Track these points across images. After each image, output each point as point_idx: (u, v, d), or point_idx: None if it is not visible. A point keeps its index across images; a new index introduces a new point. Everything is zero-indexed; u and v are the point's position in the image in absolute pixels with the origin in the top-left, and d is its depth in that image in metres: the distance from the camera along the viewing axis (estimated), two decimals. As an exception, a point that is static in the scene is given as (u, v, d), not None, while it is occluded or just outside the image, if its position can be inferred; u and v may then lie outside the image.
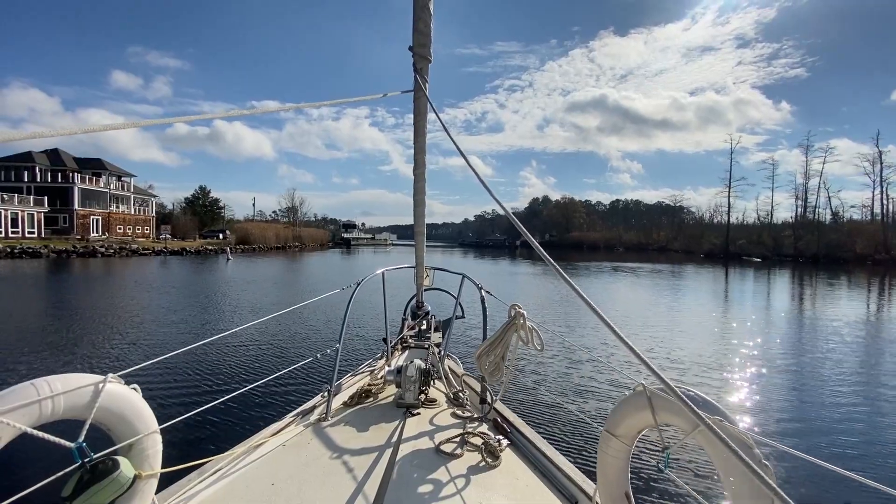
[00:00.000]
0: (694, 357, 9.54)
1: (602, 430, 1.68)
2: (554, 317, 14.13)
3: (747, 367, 9.00)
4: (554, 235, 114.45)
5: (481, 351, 2.36)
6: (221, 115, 1.98)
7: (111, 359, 8.53)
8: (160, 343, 9.75)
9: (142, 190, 66.40)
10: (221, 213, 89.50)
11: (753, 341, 11.34)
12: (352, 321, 4.94)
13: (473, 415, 2.48)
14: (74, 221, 50.95)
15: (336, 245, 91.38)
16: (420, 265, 4.08)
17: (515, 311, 2.23)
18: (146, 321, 12.18)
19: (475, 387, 2.82)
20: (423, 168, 3.10)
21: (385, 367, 3.06)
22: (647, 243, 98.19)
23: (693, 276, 33.67)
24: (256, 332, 9.88)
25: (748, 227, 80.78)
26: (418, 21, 2.20)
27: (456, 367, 3.42)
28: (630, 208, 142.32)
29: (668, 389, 1.12)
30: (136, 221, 61.71)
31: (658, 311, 16.27)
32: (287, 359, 8.39)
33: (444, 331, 4.12)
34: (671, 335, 11.86)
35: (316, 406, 2.51)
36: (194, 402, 6.00)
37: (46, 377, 1.26)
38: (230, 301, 16.67)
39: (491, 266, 42.13)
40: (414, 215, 3.51)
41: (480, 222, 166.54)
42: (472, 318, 7.44)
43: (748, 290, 25.67)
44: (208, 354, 8.29)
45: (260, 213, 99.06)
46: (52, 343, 9.60)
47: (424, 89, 2.41)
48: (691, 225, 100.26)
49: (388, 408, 2.58)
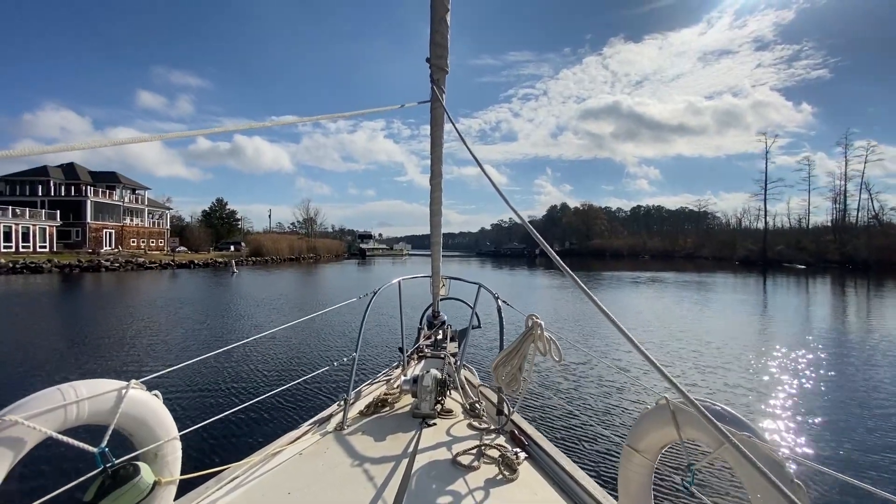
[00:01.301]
0: (727, 371, 9.03)
1: (624, 445, 1.67)
2: (573, 327, 13.58)
3: (786, 382, 8.45)
4: (574, 243, 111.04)
5: (498, 361, 2.30)
6: (244, 126, 1.92)
7: (129, 364, 8.60)
8: (175, 351, 9.81)
9: (156, 202, 66.09)
10: (238, 224, 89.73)
11: (796, 355, 10.49)
12: (368, 330, 5.67)
13: (490, 426, 2.39)
14: (87, 235, 50.46)
15: (352, 256, 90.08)
16: (436, 275, 4.04)
17: (532, 321, 2.17)
18: (155, 332, 11.62)
19: (492, 398, 2.70)
20: (440, 178, 3.12)
21: (401, 377, 3.07)
22: (674, 250, 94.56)
23: (731, 286, 30.51)
24: (274, 340, 9.94)
25: (784, 231, 76.10)
26: (435, 33, 2.21)
27: (472, 377, 3.37)
28: (652, 214, 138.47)
29: (690, 403, 1.11)
30: (150, 234, 61.18)
31: (695, 323, 14.96)
32: (304, 367, 8.40)
33: (461, 341, 4.10)
34: (705, 348, 11.05)
35: (333, 415, 2.50)
36: (213, 410, 5.95)
37: (72, 382, 1.31)
38: (221, 321, 14.55)
39: (507, 276, 39.76)
40: (430, 225, 3.51)
41: (497, 231, 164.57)
42: (489, 329, 7.40)
43: (800, 302, 22.59)
44: (227, 362, 8.32)
45: (279, 225, 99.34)
46: (67, 352, 9.69)
47: (441, 100, 2.43)
48: (722, 231, 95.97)
49: (404, 417, 2.54)
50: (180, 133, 1.55)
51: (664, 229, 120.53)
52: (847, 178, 67.96)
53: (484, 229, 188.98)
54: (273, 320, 14.48)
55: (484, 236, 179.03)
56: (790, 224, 78.15)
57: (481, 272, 49.01)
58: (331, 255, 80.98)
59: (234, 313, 15.92)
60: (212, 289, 25.83)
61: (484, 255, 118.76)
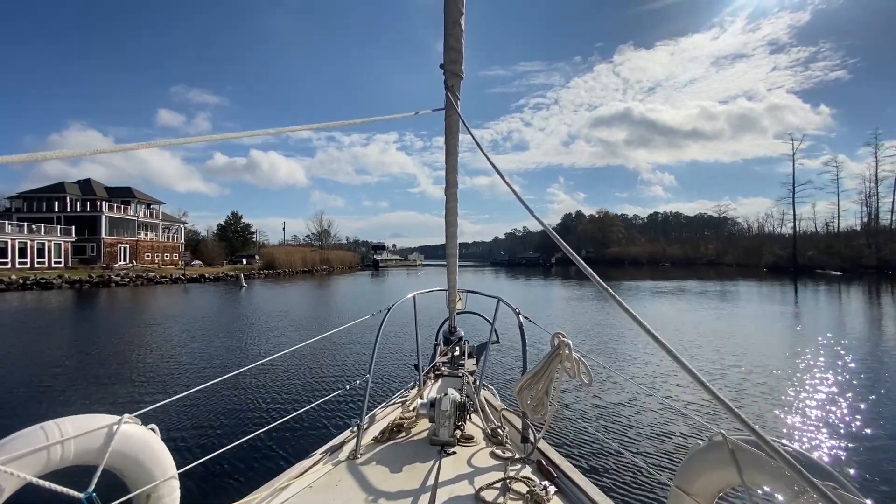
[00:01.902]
0: (786, 401, 7.71)
1: (672, 486, 1.53)
2: (599, 343, 12.41)
3: (866, 417, 6.96)
4: (591, 251, 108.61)
5: (522, 385, 2.13)
6: (261, 133, 1.83)
7: (123, 398, 7.81)
8: (174, 379, 8.90)
9: (171, 217, 66.50)
10: (252, 238, 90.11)
11: (871, 382, 8.86)
12: (381, 346, 3.94)
13: (515, 455, 2.24)
14: (102, 250, 50.68)
15: (365, 267, 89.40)
16: (452, 288, 3.90)
17: (559, 340, 2.03)
18: (154, 356, 10.76)
19: (515, 423, 2.56)
20: (455, 188, 3.02)
21: (417, 399, 2.86)
22: (695, 258, 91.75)
23: (767, 295, 28.53)
24: (282, 364, 9.24)
25: (813, 236, 72.83)
26: (449, 37, 2.13)
27: (493, 398, 3.23)
28: (670, 221, 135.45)
29: (761, 443, 0.95)
30: (165, 248, 61.40)
31: (741, 341, 13.13)
32: (314, 392, 7.88)
33: (479, 357, 4.00)
34: (751, 371, 9.57)
35: (345, 442, 2.38)
36: (215, 442, 5.61)
37: (57, 420, 1.21)
38: (226, 341, 13.47)
39: (523, 287, 38.11)
40: (446, 236, 3.39)
41: (511, 240, 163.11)
42: (508, 344, 7.28)
43: (853, 312, 20.59)
44: (231, 390, 7.76)
45: (294, 238, 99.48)
46: (62, 383, 8.69)
47: (456, 107, 2.34)
48: (746, 236, 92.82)
49: (421, 445, 2.41)
50: (179, 140, 1.53)
51: (683, 236, 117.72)
52: (878, 179, 64.95)
53: (497, 238, 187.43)
54: (280, 340, 13.43)
55: (498, 245, 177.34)
56: (816, 229, 74.86)
57: (496, 282, 48.09)
58: (344, 266, 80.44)
59: (238, 334, 14.85)
60: (219, 305, 24.99)
61: (498, 264, 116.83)
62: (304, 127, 1.87)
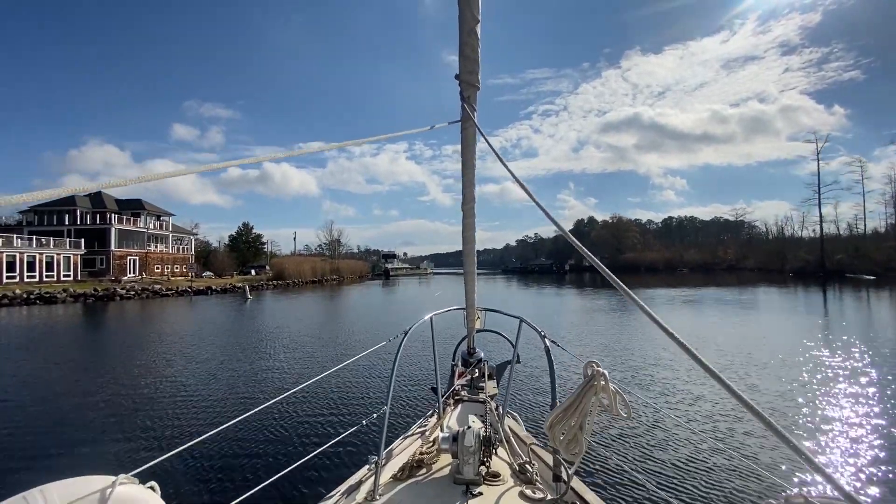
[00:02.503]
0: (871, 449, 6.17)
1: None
2: (635, 369, 11.01)
3: None
4: (605, 257, 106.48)
5: (554, 419, 1.94)
6: (282, 155, 1.91)
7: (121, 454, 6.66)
8: (173, 427, 7.76)
9: (181, 228, 66.39)
10: (264, 248, 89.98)
11: None
12: (397, 370, 2.89)
13: (547, 496, 2.06)
14: (111, 262, 50.49)
15: (376, 276, 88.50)
16: (471, 307, 3.71)
17: (593, 369, 1.83)
18: (150, 398, 9.42)
19: (545, 457, 2.38)
20: (473, 203, 2.90)
21: (438, 430, 2.76)
22: (713, 263, 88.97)
23: (803, 302, 26.53)
24: (292, 402, 8.24)
25: (839, 239, 69.90)
26: (465, 46, 2.04)
27: (518, 427, 3.02)
28: (685, 226, 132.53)
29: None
30: (175, 260, 61.15)
31: (792, 365, 11.18)
32: (328, 431, 7.17)
33: (499, 378, 3.88)
34: (824, 409, 7.89)
35: (363, 481, 2.20)
36: (220, 498, 5.15)
37: (44, 486, 1.08)
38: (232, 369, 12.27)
39: (537, 297, 36.44)
40: (463, 253, 3.27)
41: (522, 247, 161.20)
42: (530, 364, 8.78)
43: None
44: (234, 437, 6.87)
45: (307, 248, 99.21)
46: (49, 439, 7.34)
47: (473, 118, 2.24)
48: (767, 240, 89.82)
49: (444, 483, 2.21)
50: (216, 165, 1.53)
51: (699, 240, 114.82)
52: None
53: (509, 245, 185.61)
54: (288, 370, 11.96)
55: (509, 252, 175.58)
56: (839, 231, 71.95)
57: (507, 291, 46.80)
58: (354, 276, 79.68)
59: (241, 364, 13.13)
60: (222, 322, 23.97)
61: (510, 271, 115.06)
62: (324, 147, 1.99)
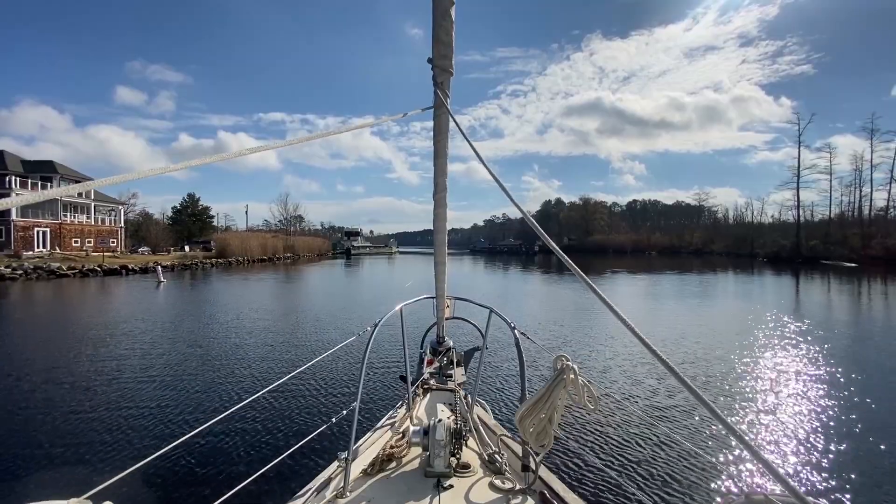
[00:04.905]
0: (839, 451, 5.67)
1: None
2: (602, 358, 10.52)
3: None
4: (573, 239, 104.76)
5: (523, 413, 1.96)
6: (264, 148, 1.77)
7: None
8: (126, 440, 6.38)
9: (107, 197, 58.01)
10: (212, 222, 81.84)
11: None
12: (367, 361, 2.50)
13: (516, 486, 2.07)
14: (13, 234, 42.58)
15: (337, 255, 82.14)
16: (441, 297, 3.66)
17: (563, 363, 1.85)
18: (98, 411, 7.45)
19: (514, 447, 2.37)
20: (445, 192, 2.79)
21: (408, 422, 2.74)
22: (680, 246, 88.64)
23: (789, 288, 23.79)
24: (257, 405, 7.16)
25: (808, 225, 70.02)
26: (439, 29, 1.94)
27: (486, 416, 3.01)
28: (648, 209, 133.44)
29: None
30: (99, 233, 53.15)
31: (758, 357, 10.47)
32: (295, 433, 6.36)
33: (467, 363, 3.91)
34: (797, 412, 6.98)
35: (332, 478, 2.15)
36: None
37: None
38: None
39: (502, 280, 32.43)
40: (435, 243, 3.25)
41: (490, 227, 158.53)
42: (497, 353, 9.10)
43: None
44: (197, 446, 6.00)
45: (266, 223, 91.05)
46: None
47: (447, 105, 2.14)
48: (733, 225, 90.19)
49: (415, 476, 2.19)
50: (202, 160, 1.44)
51: (661, 224, 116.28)
52: (872, 165, 62.68)
53: (476, 225, 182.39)
54: (237, 374, 9.08)
55: (477, 232, 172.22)
56: (805, 217, 72.37)
57: (473, 273, 43.38)
58: (312, 254, 73.51)
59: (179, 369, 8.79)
60: (119, 313, 18.51)
61: (478, 251, 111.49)
62: (303, 139, 1.75)
